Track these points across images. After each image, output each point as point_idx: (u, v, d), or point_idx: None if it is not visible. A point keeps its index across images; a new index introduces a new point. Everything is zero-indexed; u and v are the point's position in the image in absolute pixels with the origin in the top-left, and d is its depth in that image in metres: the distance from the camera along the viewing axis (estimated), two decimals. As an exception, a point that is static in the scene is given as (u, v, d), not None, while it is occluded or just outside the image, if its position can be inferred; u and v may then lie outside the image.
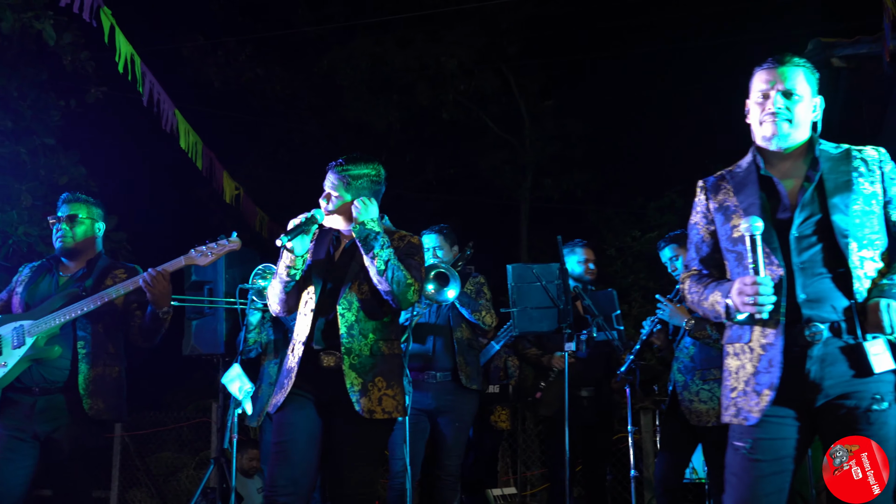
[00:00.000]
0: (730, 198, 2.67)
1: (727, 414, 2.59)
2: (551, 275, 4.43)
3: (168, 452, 9.32)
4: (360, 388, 3.16)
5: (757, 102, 2.63)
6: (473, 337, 4.79)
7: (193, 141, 7.63)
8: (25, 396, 3.69)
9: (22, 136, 7.71)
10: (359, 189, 3.37)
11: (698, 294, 2.68)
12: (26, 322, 3.68)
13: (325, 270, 3.37)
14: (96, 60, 7.97)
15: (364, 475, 3.19)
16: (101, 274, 3.87)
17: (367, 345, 3.24)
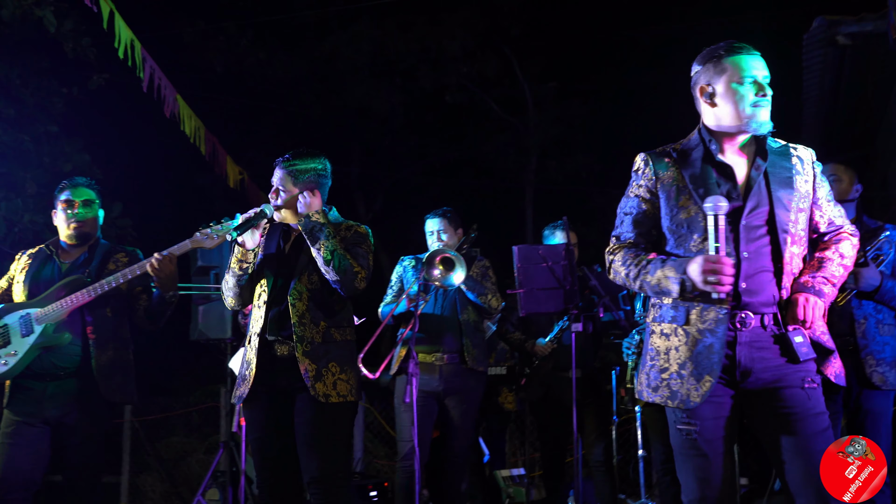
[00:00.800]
0: (678, 177, 2.64)
1: (658, 395, 2.58)
2: (557, 255, 4.42)
3: (177, 437, 9.36)
4: (314, 373, 3.26)
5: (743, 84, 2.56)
6: (479, 319, 4.79)
7: (196, 126, 7.62)
8: (36, 383, 3.71)
9: (25, 124, 7.71)
10: (306, 183, 3.45)
11: (638, 268, 2.62)
12: (33, 310, 3.69)
13: (277, 263, 3.47)
14: (98, 47, 7.93)
15: (332, 457, 3.27)
16: (104, 259, 3.88)
17: (318, 332, 3.34)
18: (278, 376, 3.34)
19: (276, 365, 3.35)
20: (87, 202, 3.91)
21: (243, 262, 3.44)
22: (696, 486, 2.57)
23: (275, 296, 3.40)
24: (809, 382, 2.50)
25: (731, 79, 2.59)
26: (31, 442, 3.70)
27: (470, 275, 4.55)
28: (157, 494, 8.42)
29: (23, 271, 3.90)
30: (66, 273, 3.82)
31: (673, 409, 2.57)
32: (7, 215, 7.01)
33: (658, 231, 2.69)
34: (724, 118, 2.61)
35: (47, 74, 8.31)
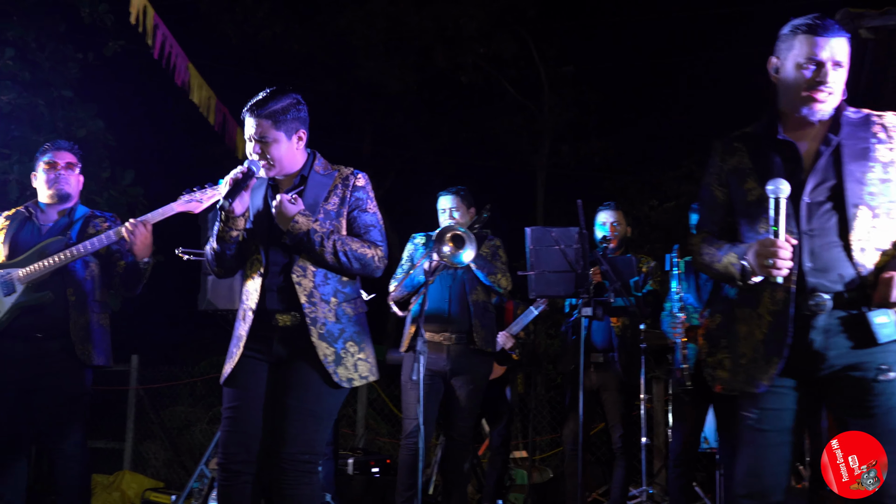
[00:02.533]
0: (744, 160, 2.60)
1: (737, 381, 2.57)
2: (570, 239, 4.39)
3: (182, 406, 9.41)
4: (333, 358, 2.96)
5: (801, 67, 2.48)
6: (489, 300, 4.78)
7: (207, 96, 7.59)
8: (17, 344, 3.73)
9: (40, 88, 7.68)
10: (289, 122, 3.00)
11: (710, 256, 2.62)
12: (14, 270, 3.71)
13: (269, 229, 3.05)
14: (115, 13, 7.89)
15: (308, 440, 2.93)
16: (84, 223, 3.91)
17: (330, 310, 3.00)
18: (276, 346, 3.02)
19: (275, 335, 3.02)
20: (69, 165, 3.93)
21: (232, 230, 3.03)
22: (744, 478, 2.52)
23: (271, 267, 3.02)
24: (885, 371, 2.38)
25: (795, 57, 2.50)
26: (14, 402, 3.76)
27: (480, 253, 4.53)
28: (160, 462, 8.47)
29: (1, 231, 3.90)
30: (46, 235, 3.85)
31: (742, 395, 2.54)
32: (20, 178, 7.00)
33: (733, 217, 2.65)
34: (784, 96, 2.56)
35: (63, 39, 8.27)
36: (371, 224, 3.11)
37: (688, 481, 4.63)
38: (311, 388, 2.95)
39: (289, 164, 3.06)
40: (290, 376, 2.97)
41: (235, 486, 2.96)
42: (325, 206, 3.05)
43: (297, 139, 3.06)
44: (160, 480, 7.81)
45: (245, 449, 2.96)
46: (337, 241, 2.96)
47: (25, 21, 7.80)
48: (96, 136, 7.93)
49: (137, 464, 8.44)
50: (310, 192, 3.06)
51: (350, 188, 3.09)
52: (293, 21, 14.85)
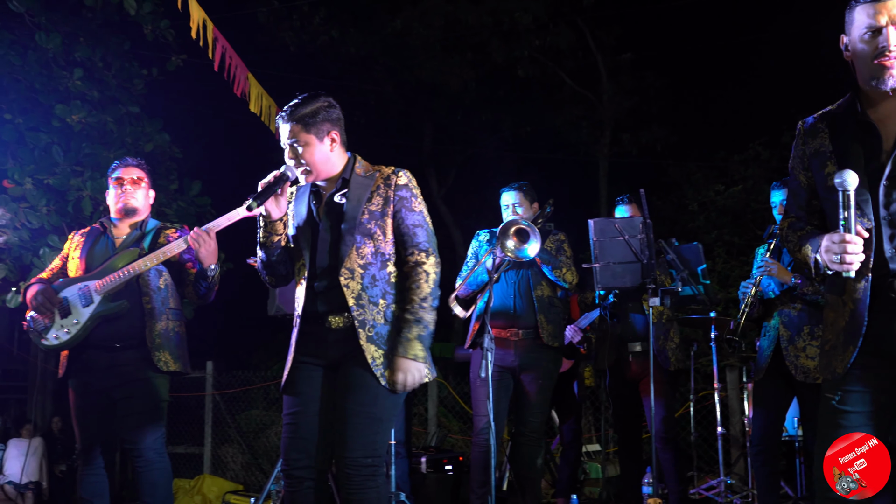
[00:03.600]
0: (826, 142, 2.51)
1: (821, 366, 2.52)
2: (634, 229, 4.34)
3: (257, 410, 9.59)
4: (381, 360, 2.92)
5: (864, 39, 2.40)
6: (554, 294, 4.75)
7: (267, 104, 7.70)
8: (96, 354, 3.84)
9: (108, 105, 7.91)
10: (320, 124, 2.99)
11: (793, 244, 2.59)
12: (91, 282, 3.83)
13: (312, 231, 3.04)
14: (176, 28, 8.08)
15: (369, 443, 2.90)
16: (155, 234, 4.02)
17: (379, 312, 2.95)
18: (329, 348, 2.98)
19: (328, 337, 2.98)
20: (136, 180, 4.03)
21: (273, 235, 3.04)
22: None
23: (317, 270, 2.99)
24: None
25: (857, 30, 2.42)
26: (99, 410, 3.87)
27: (544, 248, 4.51)
28: (238, 465, 8.65)
29: (77, 248, 4.05)
30: (119, 248, 3.95)
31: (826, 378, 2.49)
32: (93, 194, 7.21)
33: (818, 201, 2.58)
34: (858, 73, 2.47)
35: (128, 57, 8.50)
36: (418, 224, 3.04)
37: (773, 469, 4.51)
38: (367, 390, 2.91)
39: (325, 167, 3.04)
40: (345, 379, 2.95)
41: (300, 491, 2.98)
42: (368, 206, 3.01)
43: (331, 141, 3.04)
44: (239, 483, 7.98)
45: (306, 455, 2.96)
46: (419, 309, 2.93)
47: (92, 41, 8.04)
48: (163, 150, 8.14)
49: (217, 467, 8.64)
50: (352, 195, 3.02)
51: (393, 187, 3.04)
52: (350, 25, 15.00)
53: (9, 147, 7.06)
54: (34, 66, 7.38)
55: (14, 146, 7.06)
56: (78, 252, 4.03)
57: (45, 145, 7.14)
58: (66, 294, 3.87)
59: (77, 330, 3.82)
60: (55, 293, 3.88)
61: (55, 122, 7.30)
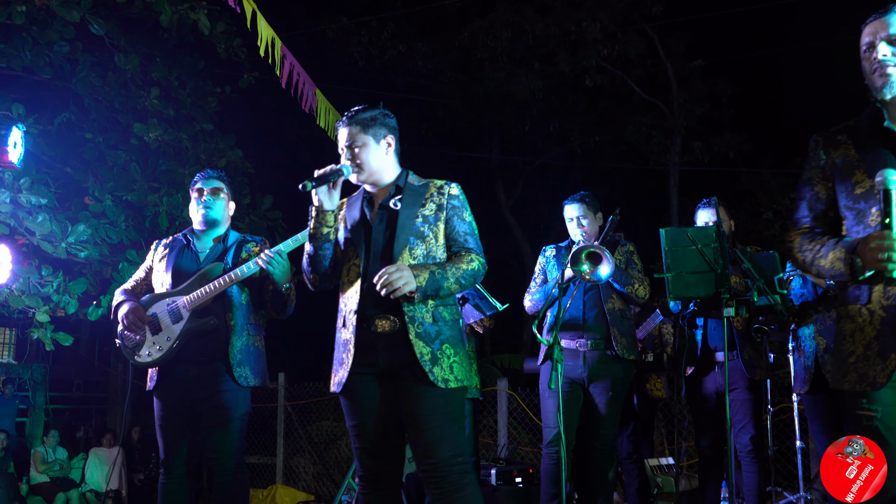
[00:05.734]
0: (850, 153, 2.55)
1: (846, 381, 2.46)
2: (707, 238, 4.24)
3: (328, 421, 9.68)
4: (430, 357, 2.97)
5: (864, 56, 2.55)
6: (626, 307, 4.68)
7: (334, 120, 7.81)
8: (183, 367, 3.91)
9: (183, 123, 8.12)
10: (377, 127, 3.15)
11: (813, 252, 2.54)
12: (179, 298, 3.90)
13: (365, 234, 3.14)
14: (247, 47, 8.26)
15: (454, 443, 2.95)
16: (237, 248, 4.06)
17: (428, 311, 3.03)
18: (380, 354, 3.03)
19: (377, 342, 3.03)
20: (215, 191, 4.08)
21: (322, 226, 3.13)
22: None
23: (370, 270, 3.05)
24: None
25: (863, 43, 2.56)
26: (184, 422, 3.92)
27: (617, 266, 4.46)
28: (310, 476, 8.74)
29: (161, 260, 4.11)
30: (204, 262, 4.01)
31: (853, 395, 2.43)
32: (169, 210, 7.40)
33: (835, 212, 2.60)
34: (870, 88, 2.56)
35: (202, 75, 8.73)
36: (468, 232, 3.16)
37: None
38: (434, 393, 2.96)
39: (378, 170, 3.17)
40: (409, 388, 2.99)
41: (376, 494, 3.05)
42: (422, 211, 3.12)
43: (386, 145, 3.17)
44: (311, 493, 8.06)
45: (379, 461, 3.04)
46: (450, 269, 3.03)
47: (168, 61, 8.27)
48: (236, 165, 8.32)
49: (289, 477, 8.75)
50: (406, 200, 3.14)
51: (446, 196, 3.17)
52: (418, 39, 15.14)
53: (90, 165, 7.30)
54: (113, 87, 7.63)
55: (95, 164, 7.30)
56: (163, 265, 4.09)
57: (124, 163, 7.37)
58: (155, 310, 3.95)
59: (168, 346, 3.89)
60: (145, 311, 3.96)
61: (133, 141, 7.52)
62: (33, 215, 6.19)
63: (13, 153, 5.32)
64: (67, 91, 7.56)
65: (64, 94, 7.61)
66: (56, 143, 7.20)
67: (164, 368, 3.95)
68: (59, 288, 6.63)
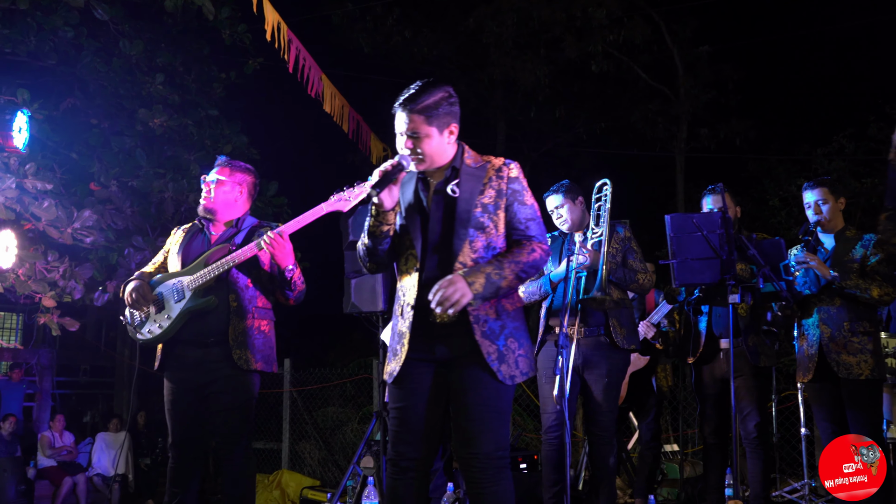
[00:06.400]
0: None
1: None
2: (713, 224, 4.23)
3: (333, 407, 9.71)
4: (497, 355, 2.90)
5: None
6: (623, 294, 4.66)
7: (340, 105, 7.80)
8: (187, 349, 3.93)
9: (188, 109, 8.12)
10: (442, 117, 2.92)
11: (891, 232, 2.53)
12: (184, 278, 3.93)
13: (422, 221, 3.00)
14: (252, 33, 8.24)
15: (503, 434, 2.94)
16: (250, 232, 4.06)
17: (491, 306, 2.93)
18: (437, 344, 2.97)
19: (434, 332, 2.96)
20: (219, 182, 4.09)
21: (383, 225, 2.98)
22: None
23: (428, 262, 2.97)
24: None
25: None
26: (191, 405, 3.91)
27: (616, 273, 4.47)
28: (315, 461, 8.78)
29: (177, 244, 4.13)
30: (213, 245, 4.02)
31: None
32: (174, 195, 7.41)
33: None
34: None
35: (207, 61, 8.71)
36: (531, 217, 3.00)
37: None
38: (487, 385, 2.91)
39: (439, 158, 2.98)
40: (464, 377, 2.93)
41: (403, 481, 3.01)
42: (481, 199, 2.96)
43: (449, 133, 2.97)
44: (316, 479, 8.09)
45: (414, 448, 2.99)
46: (508, 265, 2.89)
47: (173, 47, 8.26)
48: (241, 151, 8.32)
49: (294, 463, 8.79)
50: (465, 187, 2.97)
51: (505, 180, 2.99)
52: (423, 25, 15.07)
53: (95, 151, 7.30)
54: (118, 73, 7.62)
55: (100, 150, 7.30)
56: (177, 247, 4.12)
57: (129, 148, 7.37)
58: (161, 289, 3.98)
59: (168, 324, 3.91)
60: (151, 289, 3.99)
61: (138, 126, 7.52)
62: (39, 201, 6.20)
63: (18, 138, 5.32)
64: (72, 76, 7.56)
65: (69, 79, 7.61)
66: (61, 128, 7.20)
67: (167, 348, 3.96)
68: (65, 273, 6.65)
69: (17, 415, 9.44)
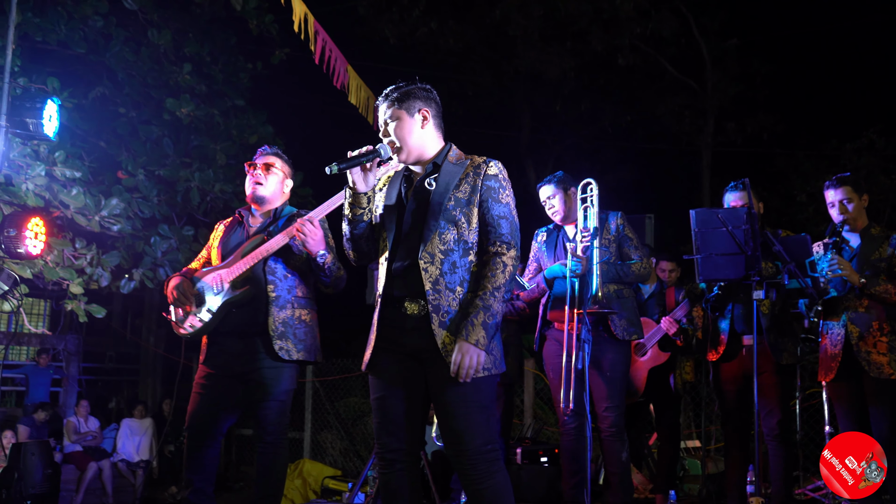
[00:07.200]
0: None
1: None
2: (738, 219, 4.20)
3: (355, 397, 9.75)
4: (452, 347, 2.86)
5: None
6: (622, 286, 4.64)
7: (365, 96, 7.80)
8: (228, 340, 3.95)
9: (215, 99, 8.16)
10: (411, 101, 3.05)
11: None
12: (222, 271, 3.95)
13: (398, 213, 3.06)
14: (279, 23, 8.26)
15: (482, 431, 2.89)
16: (287, 222, 4.06)
17: (455, 299, 2.91)
18: (407, 336, 2.96)
19: (405, 324, 2.96)
20: (267, 166, 4.10)
21: (355, 208, 3.08)
22: None
23: (398, 251, 3.01)
24: None
25: None
26: (220, 393, 3.94)
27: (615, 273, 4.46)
28: (337, 451, 8.83)
29: (218, 238, 4.16)
30: (252, 236, 4.04)
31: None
32: (200, 185, 7.45)
33: None
34: None
35: (234, 51, 8.74)
36: (502, 216, 3.00)
37: None
38: (453, 387, 2.88)
39: (417, 146, 3.06)
40: (439, 373, 2.91)
41: (393, 473, 3.02)
42: (455, 193, 2.98)
43: (422, 118, 3.06)
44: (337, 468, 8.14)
45: (396, 438, 2.99)
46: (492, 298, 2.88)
47: (200, 37, 8.30)
48: (266, 141, 8.34)
49: (316, 452, 8.84)
50: (441, 180, 3.02)
51: (482, 176, 3.01)
52: (449, 16, 15.04)
53: (123, 140, 7.36)
54: (146, 62, 7.67)
55: (128, 139, 7.36)
56: (217, 241, 4.17)
57: (157, 138, 7.42)
58: (201, 284, 4.01)
59: (209, 318, 3.94)
60: (192, 284, 4.02)
61: (165, 116, 7.57)
62: (68, 188, 6.26)
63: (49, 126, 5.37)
64: (101, 65, 7.62)
65: (98, 68, 7.67)
66: (90, 117, 7.26)
67: (210, 340, 4.00)
68: (92, 260, 6.72)
69: (45, 399, 9.57)
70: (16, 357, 11.96)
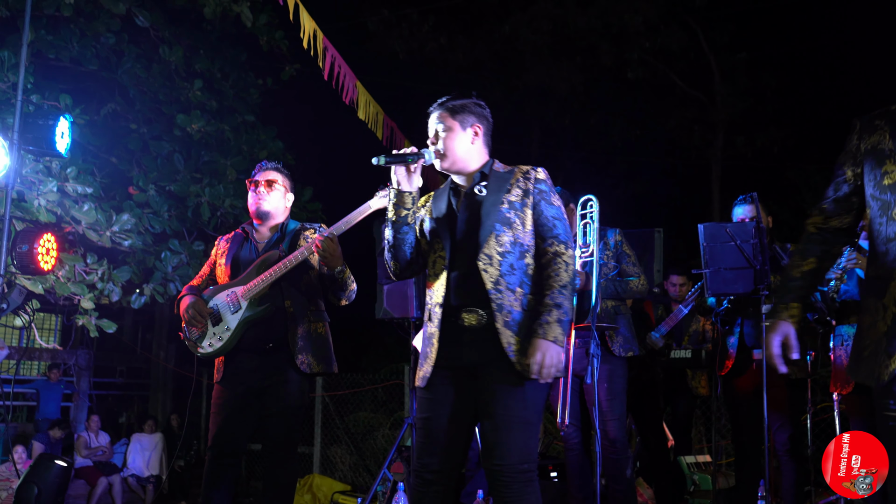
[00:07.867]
0: (885, 140, 2.47)
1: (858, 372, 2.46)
2: (747, 234, 4.20)
3: (365, 412, 9.73)
4: (517, 347, 2.86)
5: None
6: (619, 302, 4.62)
7: (374, 111, 7.85)
8: (245, 357, 3.95)
9: (225, 115, 8.22)
10: (465, 114, 3.08)
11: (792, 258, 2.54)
12: (238, 288, 3.94)
13: (450, 223, 3.05)
14: (289, 39, 8.33)
15: (522, 448, 2.86)
16: (294, 236, 4.07)
17: (516, 300, 2.91)
18: (465, 349, 2.94)
19: (462, 336, 2.95)
20: (269, 182, 4.11)
21: (399, 208, 3.06)
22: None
23: (455, 260, 3.00)
24: None
25: None
26: (239, 411, 3.92)
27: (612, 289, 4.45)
28: (346, 466, 8.82)
29: (223, 254, 4.15)
30: (262, 252, 4.04)
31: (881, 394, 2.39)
32: (211, 200, 7.50)
33: (860, 198, 2.55)
34: None
35: (245, 67, 8.81)
36: (557, 217, 3.04)
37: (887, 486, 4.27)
38: (515, 394, 2.88)
39: (463, 158, 3.09)
40: (491, 386, 2.90)
41: (428, 494, 2.99)
42: (507, 197, 3.01)
43: (473, 133, 3.10)
44: (347, 483, 8.12)
45: (438, 459, 2.97)
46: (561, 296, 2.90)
47: (211, 53, 8.37)
48: (276, 157, 8.39)
49: (326, 467, 8.83)
50: (492, 186, 3.04)
51: (532, 181, 3.05)
52: (458, 32, 15.11)
53: (134, 155, 7.42)
54: (158, 78, 7.74)
55: (139, 155, 7.42)
56: (224, 258, 4.13)
57: (168, 153, 7.48)
58: (215, 302, 3.98)
59: (229, 336, 3.92)
60: (205, 304, 3.99)
61: (176, 132, 7.63)
62: (79, 204, 6.31)
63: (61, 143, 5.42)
64: (113, 82, 7.69)
65: (110, 84, 7.74)
66: (102, 133, 7.32)
67: (228, 358, 3.98)
68: (103, 276, 6.76)
69: (56, 414, 9.60)
70: (27, 372, 12.01)
